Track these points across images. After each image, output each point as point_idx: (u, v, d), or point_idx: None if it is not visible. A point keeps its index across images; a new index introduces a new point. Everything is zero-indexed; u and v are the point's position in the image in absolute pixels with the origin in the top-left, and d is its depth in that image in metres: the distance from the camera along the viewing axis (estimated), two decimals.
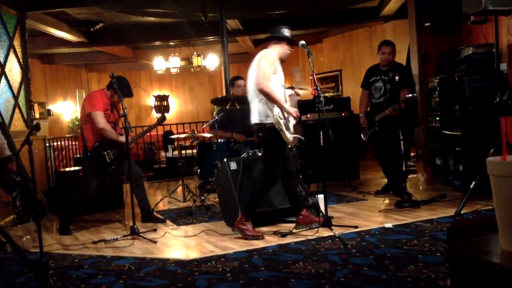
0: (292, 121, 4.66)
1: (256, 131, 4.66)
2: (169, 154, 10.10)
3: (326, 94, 11.82)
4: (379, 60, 6.09)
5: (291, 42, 4.73)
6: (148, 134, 10.99)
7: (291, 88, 6.90)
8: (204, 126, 7.94)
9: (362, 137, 6.29)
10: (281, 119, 4.46)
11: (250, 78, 4.60)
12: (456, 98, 5.96)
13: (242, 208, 4.75)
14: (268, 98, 4.44)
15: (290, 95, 4.75)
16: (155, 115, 15.07)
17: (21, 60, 6.97)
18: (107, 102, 5.39)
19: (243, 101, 6.29)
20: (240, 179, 5.08)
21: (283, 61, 4.70)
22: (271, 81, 4.47)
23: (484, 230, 2.30)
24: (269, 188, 4.69)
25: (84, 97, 13.76)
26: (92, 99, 5.41)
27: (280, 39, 4.66)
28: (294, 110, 4.58)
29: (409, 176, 6.75)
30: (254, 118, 4.61)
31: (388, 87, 5.92)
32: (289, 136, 4.53)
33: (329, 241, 4.32)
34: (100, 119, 5.26)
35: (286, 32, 4.68)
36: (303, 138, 5.01)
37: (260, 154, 5.37)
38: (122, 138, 5.31)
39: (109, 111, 5.41)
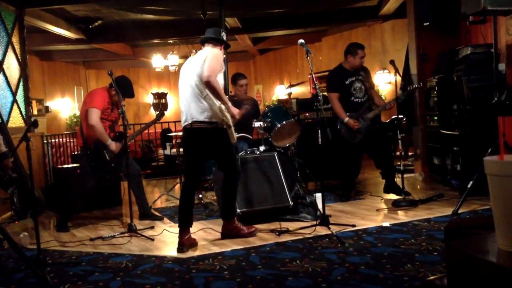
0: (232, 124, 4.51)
1: (207, 131, 4.34)
2: (167, 151, 10.09)
3: (325, 93, 11.80)
4: (353, 63, 5.86)
5: (227, 47, 4.61)
6: (146, 131, 11.01)
7: (291, 86, 6.92)
8: None
9: (351, 140, 5.91)
10: (228, 115, 4.33)
11: (192, 74, 4.35)
12: (454, 98, 5.97)
13: (223, 214, 4.66)
14: (214, 92, 4.21)
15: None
16: (154, 113, 15.06)
17: (19, 57, 6.95)
18: (108, 101, 5.37)
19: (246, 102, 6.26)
20: None
21: None
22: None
23: (481, 229, 2.30)
24: (238, 185, 4.66)
25: (82, 94, 13.89)
26: (93, 96, 5.39)
27: (221, 42, 4.50)
28: (237, 111, 4.44)
29: (407, 176, 6.75)
30: (200, 115, 4.31)
31: (367, 85, 5.96)
32: (235, 134, 4.44)
33: (327, 239, 4.33)
34: (94, 116, 5.20)
35: (224, 36, 4.53)
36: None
37: (258, 152, 5.37)
38: (112, 146, 5.28)
39: (110, 109, 5.39)
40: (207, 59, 4.25)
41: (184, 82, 4.45)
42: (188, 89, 4.37)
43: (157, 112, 6.19)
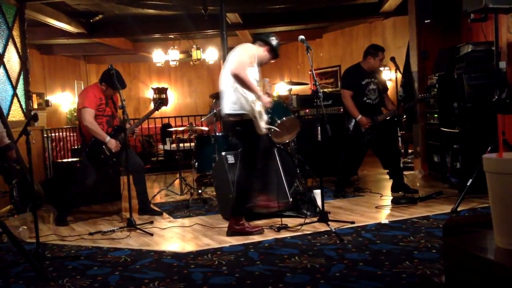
0: (264, 115, 4.52)
1: (233, 124, 4.49)
2: (167, 147, 10.09)
3: (325, 90, 11.81)
4: (373, 65, 5.89)
5: (274, 53, 4.66)
6: (146, 126, 11.02)
7: (290, 83, 6.91)
8: (202, 119, 7.94)
9: (360, 140, 5.90)
10: (256, 107, 4.34)
11: (226, 68, 4.47)
12: (454, 96, 5.96)
13: (232, 209, 4.59)
14: (243, 83, 4.29)
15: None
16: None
17: (20, 51, 6.94)
18: (100, 97, 5.36)
19: None
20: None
21: (261, 64, 4.61)
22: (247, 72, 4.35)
23: (479, 227, 2.30)
24: (254, 183, 4.59)
25: (82, 88, 13.86)
26: (84, 95, 5.40)
27: (266, 43, 4.58)
28: (268, 100, 4.45)
29: (406, 173, 6.75)
30: (228, 108, 4.44)
31: (381, 88, 5.99)
32: (263, 126, 4.43)
33: (325, 236, 4.33)
34: (88, 117, 5.21)
35: (275, 42, 4.61)
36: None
37: None
38: (111, 144, 5.26)
39: (104, 105, 5.37)
40: (236, 53, 4.42)
41: (221, 75, 4.58)
42: (222, 82, 4.53)
43: (155, 103, 6.09)
